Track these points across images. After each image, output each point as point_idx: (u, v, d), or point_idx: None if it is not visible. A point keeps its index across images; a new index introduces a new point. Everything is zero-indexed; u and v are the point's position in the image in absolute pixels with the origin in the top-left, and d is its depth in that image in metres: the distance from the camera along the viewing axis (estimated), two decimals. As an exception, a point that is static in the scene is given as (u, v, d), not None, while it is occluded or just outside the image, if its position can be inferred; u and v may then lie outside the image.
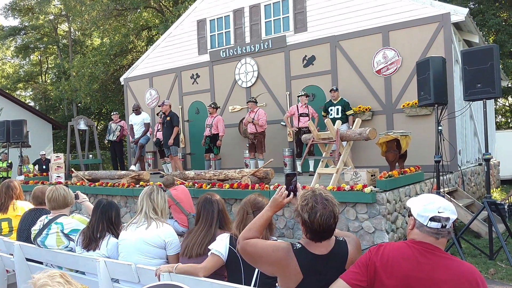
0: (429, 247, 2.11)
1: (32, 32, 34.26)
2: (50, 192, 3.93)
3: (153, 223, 3.45)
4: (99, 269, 3.25)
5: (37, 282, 1.42)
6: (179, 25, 13.13)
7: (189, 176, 8.60)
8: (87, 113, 27.88)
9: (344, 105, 9.44)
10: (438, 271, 2.04)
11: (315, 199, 2.29)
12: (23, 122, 12.30)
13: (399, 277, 2.07)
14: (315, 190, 2.37)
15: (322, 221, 2.23)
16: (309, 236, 2.32)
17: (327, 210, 2.25)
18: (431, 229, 2.12)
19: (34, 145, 20.66)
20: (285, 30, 11.01)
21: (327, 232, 2.30)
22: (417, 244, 2.14)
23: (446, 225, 2.11)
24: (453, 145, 8.48)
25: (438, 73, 6.01)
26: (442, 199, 2.20)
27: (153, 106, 13.66)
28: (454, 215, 2.14)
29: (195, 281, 2.77)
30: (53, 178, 10.40)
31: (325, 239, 2.33)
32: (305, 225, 2.30)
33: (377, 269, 2.12)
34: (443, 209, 2.13)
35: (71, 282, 1.47)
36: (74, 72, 25.71)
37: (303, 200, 2.31)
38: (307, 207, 2.27)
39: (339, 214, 2.35)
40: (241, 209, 3.08)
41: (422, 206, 2.18)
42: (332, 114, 9.45)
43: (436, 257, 2.09)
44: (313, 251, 2.32)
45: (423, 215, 2.15)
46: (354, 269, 2.19)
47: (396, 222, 6.37)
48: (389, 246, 2.21)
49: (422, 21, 9.10)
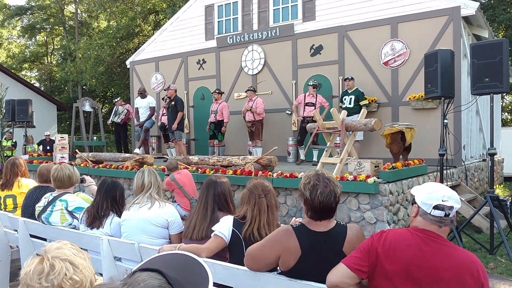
0: (431, 234, 2.12)
1: (39, 12, 34.15)
2: (55, 171, 3.95)
3: (156, 203, 3.49)
4: (102, 247, 3.28)
5: (51, 247, 1.46)
6: (187, 10, 13.05)
7: (193, 161, 8.63)
8: (92, 96, 27.88)
9: (358, 95, 9.28)
10: (440, 258, 2.05)
11: (317, 177, 2.39)
12: (28, 102, 12.33)
13: (400, 263, 2.09)
14: (318, 171, 2.48)
15: (322, 199, 2.32)
16: (309, 214, 2.41)
17: (328, 188, 2.34)
18: (435, 217, 2.13)
19: (39, 126, 20.72)
20: (293, 18, 10.94)
21: (327, 210, 2.37)
22: (420, 232, 2.15)
23: (450, 213, 2.12)
24: (458, 139, 8.46)
25: (446, 66, 5.99)
26: (446, 188, 2.21)
27: (159, 90, 13.64)
28: (458, 204, 2.15)
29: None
30: (57, 159, 10.44)
31: (325, 218, 2.41)
32: (307, 203, 2.39)
33: (379, 254, 2.14)
34: (447, 198, 2.13)
35: (81, 251, 1.52)
36: (80, 54, 25.68)
37: (305, 179, 2.43)
38: (309, 185, 2.37)
39: (340, 195, 2.41)
40: (251, 194, 3.03)
41: (426, 194, 2.19)
42: (345, 103, 9.31)
43: (439, 244, 2.10)
44: (312, 228, 2.40)
45: (427, 203, 2.16)
46: (355, 254, 2.21)
47: (398, 213, 6.38)
48: (391, 232, 2.23)
49: (431, 13, 9.02)
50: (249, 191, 3.06)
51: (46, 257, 1.38)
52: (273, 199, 3.05)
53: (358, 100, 9.25)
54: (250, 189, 3.07)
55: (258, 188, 3.05)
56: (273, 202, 3.04)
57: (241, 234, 2.91)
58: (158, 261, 1.14)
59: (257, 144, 10.13)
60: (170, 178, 6.34)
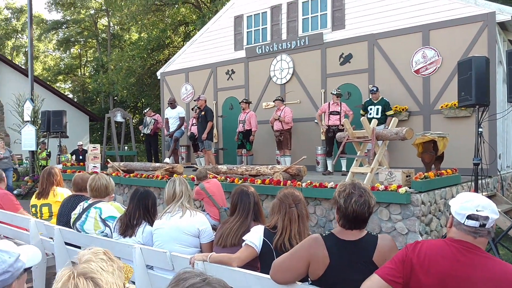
0: (468, 245, 2.05)
1: (74, 26, 35.31)
2: (93, 180, 4.04)
3: (187, 212, 3.52)
4: (135, 255, 3.32)
5: (82, 257, 1.49)
6: (216, 21, 13.23)
7: (222, 170, 8.67)
8: (123, 106, 28.48)
9: (384, 105, 9.17)
10: (477, 270, 1.98)
11: (353, 186, 2.40)
12: (63, 113, 12.71)
13: (436, 275, 2.03)
14: (354, 180, 2.49)
15: (356, 207, 2.32)
16: (341, 222, 2.40)
17: (363, 198, 2.34)
18: (469, 228, 2.06)
19: (72, 136, 21.25)
20: (323, 27, 10.92)
21: (359, 219, 2.36)
22: (456, 243, 2.08)
23: (485, 224, 2.03)
24: (494, 148, 8.22)
25: (481, 73, 5.84)
26: (482, 198, 2.12)
27: (188, 100, 13.82)
28: (495, 214, 2.06)
29: (228, 271, 2.79)
30: (90, 168, 10.68)
31: (356, 228, 2.40)
32: (340, 211, 2.39)
33: (413, 265, 2.08)
34: (482, 208, 2.05)
35: (113, 259, 1.54)
36: (112, 65, 26.33)
37: (341, 187, 2.44)
38: (344, 193, 2.38)
39: (373, 207, 2.40)
40: (282, 203, 3.00)
41: (459, 203, 2.12)
42: (371, 113, 9.17)
43: (476, 256, 2.02)
44: (342, 237, 2.39)
45: (460, 213, 2.09)
46: (389, 265, 2.16)
47: (430, 224, 6.23)
48: (426, 243, 2.17)
49: (464, 20, 8.85)
50: (280, 201, 3.03)
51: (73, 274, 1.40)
52: (304, 209, 3.02)
53: (385, 110, 9.15)
54: (281, 199, 3.04)
55: (289, 197, 3.02)
56: (303, 212, 3.01)
57: (272, 244, 2.89)
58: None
59: (285, 154, 10.10)
60: (199, 187, 6.38)
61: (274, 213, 3.03)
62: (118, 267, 1.53)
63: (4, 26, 37.18)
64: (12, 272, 1.63)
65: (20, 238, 4.77)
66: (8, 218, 4.98)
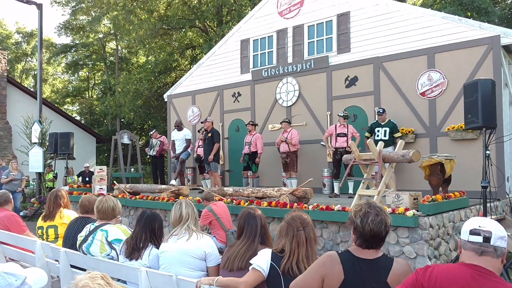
0: (481, 269, 2.02)
1: (82, 49, 35.85)
2: (100, 202, 4.03)
3: (194, 235, 3.50)
4: (141, 279, 3.29)
5: (79, 283, 1.46)
6: (223, 45, 13.40)
7: (228, 193, 8.65)
8: (130, 128, 28.64)
9: (392, 127, 9.13)
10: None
11: (369, 206, 2.43)
12: (70, 135, 12.80)
13: None
14: (369, 200, 2.56)
15: (373, 227, 2.35)
16: (358, 242, 2.42)
17: (379, 217, 2.38)
18: (473, 244, 2.06)
19: (79, 157, 21.34)
20: (328, 50, 11.03)
21: (376, 238, 2.39)
22: (468, 267, 2.05)
23: (489, 238, 2.02)
24: (502, 171, 8.16)
25: (487, 96, 5.85)
26: (486, 219, 2.17)
27: (195, 123, 13.89)
28: (500, 232, 2.05)
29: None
30: (96, 190, 10.69)
31: (373, 247, 2.42)
32: (356, 230, 2.42)
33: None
34: (484, 224, 2.08)
35: (111, 284, 1.51)
36: (120, 88, 26.59)
37: (357, 207, 2.47)
38: (360, 213, 2.41)
39: (390, 225, 2.43)
40: (289, 226, 2.99)
41: (465, 224, 2.17)
42: (379, 135, 9.11)
43: (488, 281, 1.99)
44: (358, 255, 2.41)
45: (464, 231, 2.13)
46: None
47: (439, 248, 6.15)
48: (437, 267, 2.15)
49: (470, 43, 8.91)
50: (288, 224, 3.01)
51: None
52: (311, 232, 3.00)
53: (392, 132, 9.11)
54: (289, 222, 3.02)
55: (297, 220, 3.00)
56: (311, 235, 2.99)
57: (280, 268, 2.86)
58: None
59: (291, 176, 10.08)
60: (207, 209, 6.35)
61: (281, 236, 3.01)
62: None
63: (14, 49, 37.81)
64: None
65: (26, 260, 4.75)
66: (14, 240, 4.98)
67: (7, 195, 5.52)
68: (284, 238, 2.98)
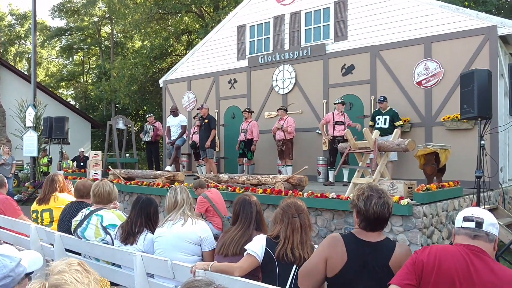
0: (476, 249, 2.13)
1: (77, 33, 35.48)
2: (96, 186, 4.03)
3: (189, 220, 3.51)
4: (136, 263, 3.30)
5: (54, 269, 1.41)
6: (219, 30, 13.29)
7: (223, 179, 8.66)
8: (125, 114, 28.49)
9: (393, 115, 9.03)
10: (484, 273, 2.06)
11: (371, 189, 2.46)
12: (65, 119, 12.73)
13: (446, 275, 2.10)
14: (370, 183, 2.55)
15: (376, 209, 2.38)
16: (362, 225, 2.45)
17: (382, 199, 2.41)
18: (466, 229, 2.19)
19: (73, 142, 21.19)
20: (325, 38, 10.97)
21: (380, 220, 2.42)
22: (464, 247, 2.17)
23: (481, 223, 2.15)
24: (496, 161, 8.21)
25: (483, 86, 5.86)
26: (479, 209, 2.29)
27: (190, 109, 13.84)
28: (492, 219, 2.19)
29: (230, 280, 2.77)
30: (91, 175, 10.67)
31: (377, 229, 2.46)
32: (360, 214, 2.44)
33: (424, 265, 2.15)
34: (477, 213, 2.21)
35: (89, 270, 1.46)
36: (115, 73, 26.39)
37: (359, 191, 2.49)
38: (363, 196, 2.44)
39: (392, 207, 2.48)
40: (285, 213, 3.00)
41: (459, 214, 2.29)
42: (379, 123, 9.04)
43: (482, 260, 2.10)
44: (361, 238, 2.45)
45: (458, 219, 2.25)
46: (402, 271, 2.21)
47: (432, 236, 6.21)
48: (435, 246, 2.27)
49: (466, 33, 8.89)
50: (283, 211, 3.02)
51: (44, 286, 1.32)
52: (306, 219, 3.01)
53: (393, 121, 9.01)
54: (284, 209, 3.03)
55: (292, 207, 3.01)
56: (306, 222, 3.00)
57: (274, 254, 2.88)
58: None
59: (287, 163, 10.10)
60: (202, 196, 6.36)
61: (276, 222, 3.03)
62: (95, 279, 1.45)
63: (7, 32, 37.36)
64: (13, 277, 1.62)
65: (21, 244, 4.75)
66: (9, 224, 4.97)
67: (1, 178, 5.51)
68: (279, 224, 2.99)
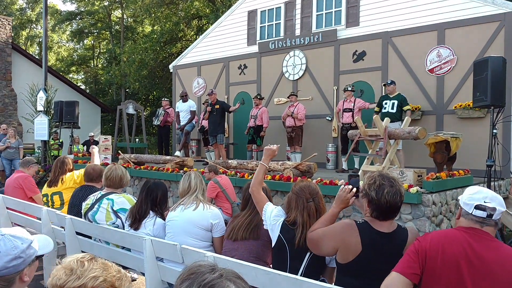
0: (479, 232, 2.13)
1: (87, 17, 35.45)
2: (109, 170, 4.06)
3: (201, 205, 3.53)
4: (145, 247, 3.33)
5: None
6: (230, 15, 13.20)
7: (232, 165, 8.67)
8: (135, 99, 28.55)
9: (401, 100, 8.71)
10: (489, 253, 2.06)
11: (382, 177, 2.40)
12: (75, 104, 12.78)
13: (449, 259, 2.09)
14: (381, 171, 2.49)
15: (389, 198, 2.34)
16: (374, 214, 2.42)
17: (394, 188, 2.36)
18: (476, 217, 2.15)
19: (83, 127, 21.30)
20: (337, 24, 10.85)
21: (392, 209, 2.39)
22: (466, 229, 2.16)
23: (492, 214, 2.13)
24: (508, 150, 8.12)
25: (497, 74, 5.76)
26: (489, 191, 2.23)
27: (200, 94, 13.83)
28: (502, 207, 2.15)
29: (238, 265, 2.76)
30: (101, 159, 10.73)
31: (389, 218, 2.43)
32: (372, 203, 2.40)
33: (427, 252, 2.14)
34: (490, 200, 2.16)
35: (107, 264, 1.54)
36: (125, 57, 26.40)
37: (370, 179, 2.43)
38: (374, 185, 2.38)
39: (404, 195, 2.44)
40: (299, 198, 2.89)
41: (468, 195, 2.22)
42: (386, 108, 8.73)
43: (487, 241, 2.11)
44: (376, 228, 2.41)
45: (468, 203, 2.19)
46: (405, 259, 2.19)
47: (441, 225, 6.18)
48: (437, 232, 2.26)
49: (481, 19, 8.73)
50: (296, 195, 2.92)
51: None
52: (321, 202, 2.93)
53: (401, 106, 8.69)
54: (297, 193, 2.92)
55: (305, 191, 2.91)
56: (321, 206, 2.91)
57: (288, 240, 2.84)
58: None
59: (296, 150, 10.07)
60: (213, 181, 6.38)
61: (291, 208, 2.92)
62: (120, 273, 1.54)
63: (19, 16, 37.42)
64: (24, 258, 1.64)
65: (32, 226, 4.82)
66: (21, 207, 5.04)
67: (28, 159, 5.92)
68: (294, 210, 2.89)
